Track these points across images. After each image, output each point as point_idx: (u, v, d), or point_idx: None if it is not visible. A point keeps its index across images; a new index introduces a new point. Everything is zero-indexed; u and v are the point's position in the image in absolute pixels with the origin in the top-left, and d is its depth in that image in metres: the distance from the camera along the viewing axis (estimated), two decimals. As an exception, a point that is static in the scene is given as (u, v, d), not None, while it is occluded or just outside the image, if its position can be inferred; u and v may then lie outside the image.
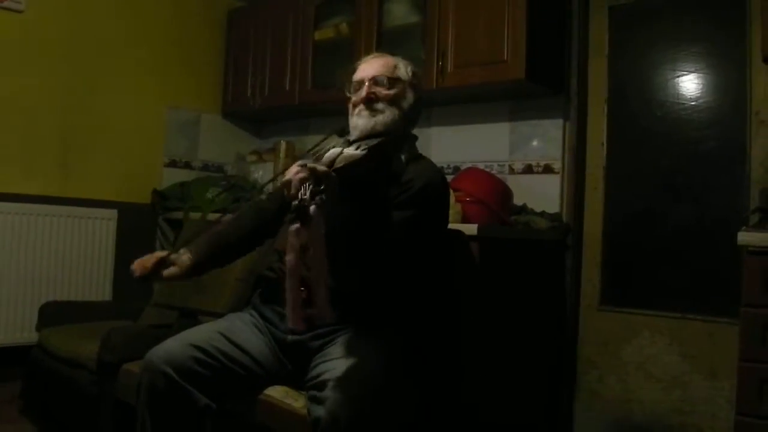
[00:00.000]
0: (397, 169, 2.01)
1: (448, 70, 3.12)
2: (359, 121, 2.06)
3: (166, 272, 2.05)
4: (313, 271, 1.54)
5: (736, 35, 2.77)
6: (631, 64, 3.06)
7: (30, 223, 3.49)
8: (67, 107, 3.67)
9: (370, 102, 2.05)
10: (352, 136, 2.08)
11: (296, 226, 1.54)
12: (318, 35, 3.83)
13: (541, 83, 3.05)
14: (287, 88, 3.93)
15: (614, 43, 3.11)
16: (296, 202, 1.54)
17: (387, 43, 3.42)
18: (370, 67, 2.13)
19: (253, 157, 4.29)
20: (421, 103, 2.20)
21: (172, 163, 4.18)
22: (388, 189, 1.92)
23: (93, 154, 3.79)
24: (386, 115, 2.05)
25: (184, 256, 2.09)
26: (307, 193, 1.54)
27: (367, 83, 2.09)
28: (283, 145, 4.00)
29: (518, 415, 2.86)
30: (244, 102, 4.19)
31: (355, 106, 2.10)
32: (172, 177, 4.12)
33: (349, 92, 2.15)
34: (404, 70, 2.15)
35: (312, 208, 1.53)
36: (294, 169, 1.61)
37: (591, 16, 3.16)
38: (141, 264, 2.04)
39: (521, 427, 2.89)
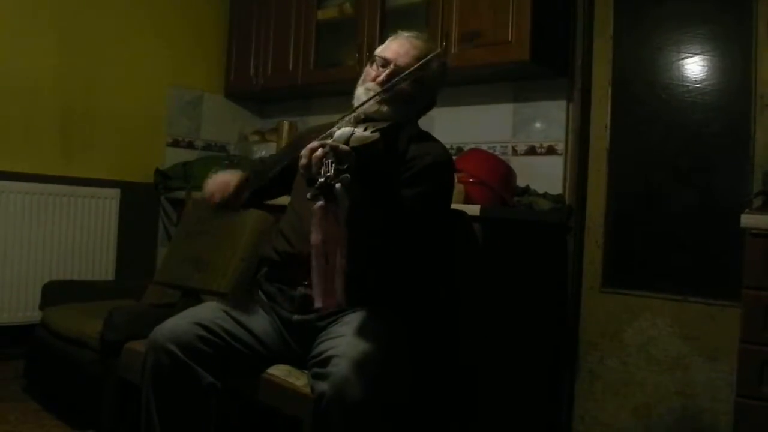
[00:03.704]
0: (400, 148, 2.00)
1: (452, 51, 3.11)
2: (365, 96, 1.99)
3: (244, 197, 2.04)
4: (335, 251, 1.54)
5: (741, 17, 2.75)
6: (635, 46, 3.05)
7: (32, 202, 3.50)
8: (69, 85, 3.67)
9: (383, 86, 1.98)
10: (354, 104, 2.03)
11: (320, 203, 1.53)
12: (321, 15, 3.81)
13: (546, 65, 3.04)
14: (290, 68, 3.91)
15: (619, 25, 3.09)
16: (322, 179, 1.51)
17: (391, 23, 3.40)
18: (402, 50, 2.05)
19: (256, 137, 4.28)
20: (435, 96, 2.14)
21: (175, 143, 4.17)
22: (392, 167, 1.92)
23: (95, 133, 3.79)
24: (392, 107, 2.00)
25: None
26: (331, 171, 1.52)
27: (391, 66, 2.02)
28: (285, 125, 3.99)
29: (520, 397, 2.87)
30: (247, 82, 4.18)
31: (372, 79, 2.04)
32: (175, 156, 4.12)
33: (374, 59, 2.08)
34: (433, 67, 2.06)
35: (338, 186, 1.51)
36: (310, 147, 1.59)
37: (596, -3, 3.14)
38: (222, 189, 2.00)
39: (523, 408, 2.90)
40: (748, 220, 1.95)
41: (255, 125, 4.49)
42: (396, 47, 2.06)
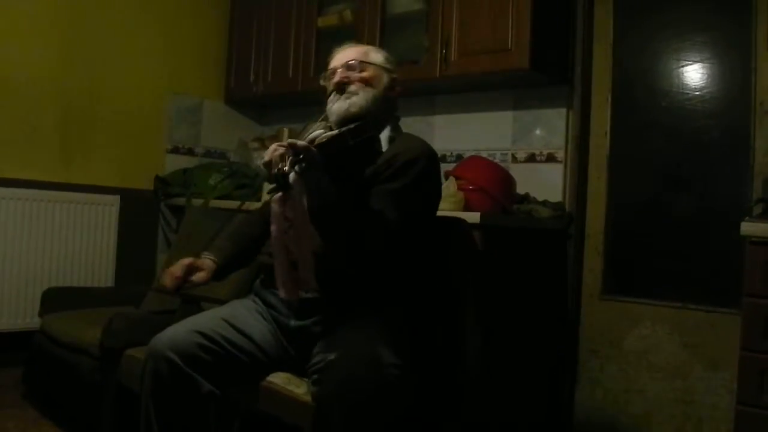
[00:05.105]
0: (378, 147, 2.01)
1: (452, 59, 3.11)
2: (334, 106, 2.06)
3: (196, 277, 2.05)
4: (295, 240, 1.63)
5: (741, 25, 2.75)
6: (635, 54, 3.05)
7: (32, 208, 3.49)
8: (69, 92, 3.67)
9: (342, 86, 2.06)
10: (330, 123, 2.08)
11: (278, 195, 1.64)
12: (321, 22, 3.82)
13: (545, 72, 3.04)
14: (290, 75, 3.92)
15: (619, 32, 3.09)
16: (275, 171, 1.62)
17: (390, 30, 3.41)
18: (341, 56, 2.15)
19: (256, 144, 4.28)
20: (397, 85, 2.18)
21: (175, 150, 4.17)
22: (369, 167, 1.95)
23: (95, 140, 3.79)
24: (360, 96, 2.04)
25: (208, 260, 2.10)
26: (287, 164, 1.62)
27: (339, 70, 2.10)
28: (285, 132, 3.99)
29: (520, 404, 2.86)
30: (247, 89, 4.19)
31: (330, 93, 2.11)
32: (175, 163, 4.12)
33: (325, 82, 2.17)
34: (376, 55, 2.16)
35: (291, 175, 1.61)
36: (273, 146, 1.68)
37: (596, 5, 3.14)
38: (170, 276, 2.03)
39: (523, 415, 2.90)
40: (748, 228, 1.94)
41: (255, 132, 4.50)
42: (338, 57, 2.17)
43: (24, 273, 3.48)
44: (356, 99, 2.04)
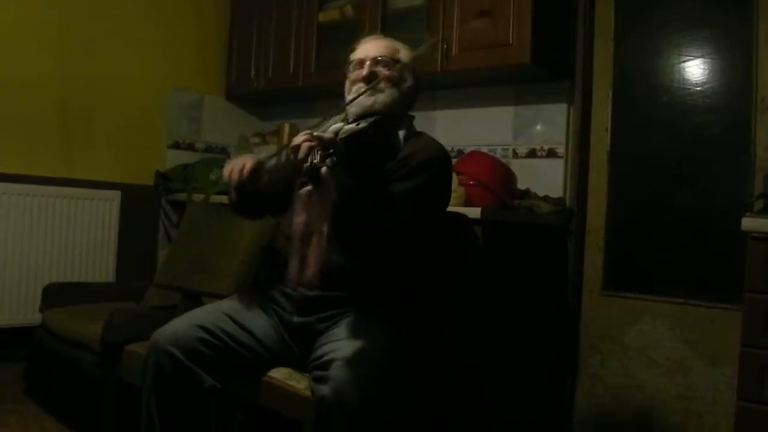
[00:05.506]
0: (396, 145, 2.02)
1: (453, 54, 3.11)
2: (359, 99, 2.03)
3: (259, 185, 1.96)
4: (316, 234, 1.62)
5: (742, 20, 2.75)
6: (637, 49, 3.05)
7: (33, 204, 3.49)
8: (70, 87, 3.66)
9: (370, 80, 2.05)
10: (349, 114, 2.07)
11: (308, 188, 1.61)
12: (322, 17, 3.81)
13: (546, 68, 3.04)
14: (291, 70, 3.91)
15: (620, 28, 3.09)
16: (308, 164, 1.60)
17: (391, 25, 3.40)
18: (372, 48, 2.14)
19: (257, 139, 4.28)
20: (420, 87, 2.20)
21: (176, 145, 4.17)
22: (387, 163, 1.95)
23: (96, 135, 3.79)
24: (386, 94, 2.05)
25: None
26: (318, 157, 1.60)
27: (368, 62, 2.09)
28: (286, 128, 3.99)
29: (520, 399, 2.87)
30: (248, 84, 4.18)
31: (354, 83, 2.10)
32: (176, 159, 4.12)
33: (349, 70, 2.15)
34: (405, 54, 2.15)
35: (324, 169, 1.60)
36: (301, 137, 1.66)
37: (597, 0, 3.14)
38: (235, 169, 1.91)
39: (523, 410, 2.90)
40: (748, 223, 1.94)
41: (256, 127, 4.49)
42: (367, 47, 2.15)
43: (25, 268, 3.48)
44: (382, 97, 2.04)
